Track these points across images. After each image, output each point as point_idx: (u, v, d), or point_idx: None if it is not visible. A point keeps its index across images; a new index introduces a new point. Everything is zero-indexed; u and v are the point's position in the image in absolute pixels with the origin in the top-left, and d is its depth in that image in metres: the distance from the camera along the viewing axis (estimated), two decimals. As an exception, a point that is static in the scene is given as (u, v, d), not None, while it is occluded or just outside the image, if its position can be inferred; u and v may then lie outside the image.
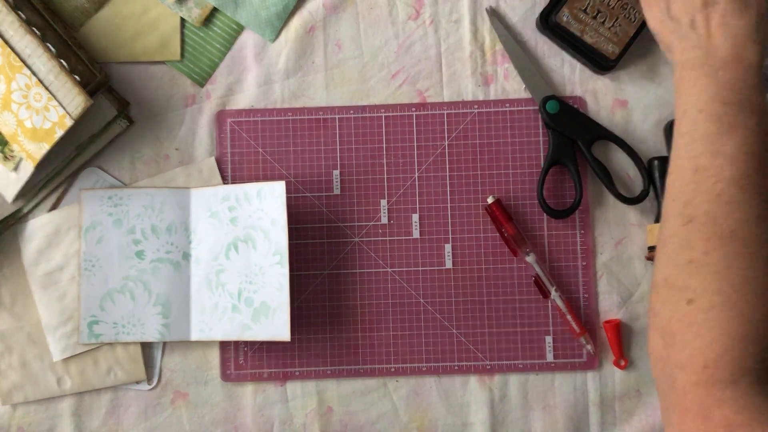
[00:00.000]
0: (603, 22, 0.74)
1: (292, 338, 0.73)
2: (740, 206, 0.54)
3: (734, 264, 0.53)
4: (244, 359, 0.75)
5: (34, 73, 0.69)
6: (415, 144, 0.76)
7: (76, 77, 0.70)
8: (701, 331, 0.52)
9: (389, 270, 0.75)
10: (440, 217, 0.75)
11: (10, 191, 0.73)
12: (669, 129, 0.74)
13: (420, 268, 0.75)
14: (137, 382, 0.75)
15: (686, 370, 0.52)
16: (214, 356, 0.75)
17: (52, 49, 0.70)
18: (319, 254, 0.75)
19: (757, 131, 0.56)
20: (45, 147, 0.70)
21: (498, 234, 0.75)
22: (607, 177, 0.74)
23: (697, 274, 0.54)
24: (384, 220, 0.76)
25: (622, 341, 0.74)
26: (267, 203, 0.72)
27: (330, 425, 0.75)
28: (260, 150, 0.76)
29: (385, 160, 0.76)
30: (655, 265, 0.58)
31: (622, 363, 0.74)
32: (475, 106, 0.76)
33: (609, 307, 0.75)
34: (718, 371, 0.51)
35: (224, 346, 0.75)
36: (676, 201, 0.57)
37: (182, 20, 0.76)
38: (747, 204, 0.54)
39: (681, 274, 0.55)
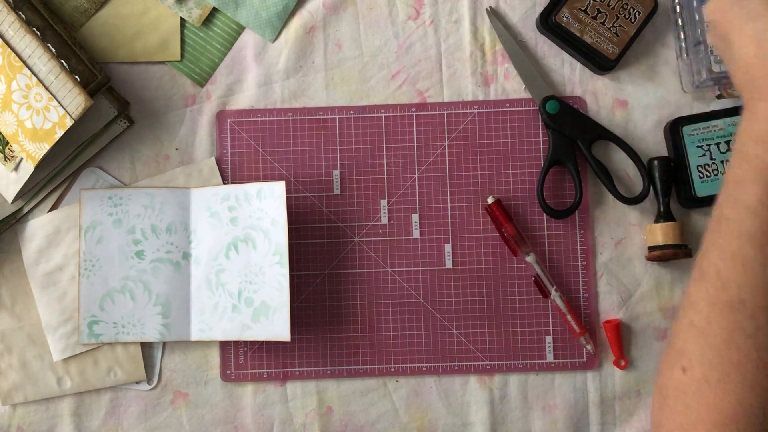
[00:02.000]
0: (603, 22, 0.74)
1: (292, 338, 0.73)
2: (754, 271, 0.49)
3: (736, 338, 0.49)
4: (244, 359, 0.75)
5: (34, 74, 0.69)
6: (415, 144, 0.76)
7: (77, 77, 0.70)
8: (692, 404, 0.50)
9: (389, 270, 0.75)
10: (440, 217, 0.75)
11: (10, 191, 0.73)
12: (669, 129, 0.74)
13: (420, 268, 0.75)
14: (137, 382, 0.75)
15: None
16: (214, 356, 0.75)
17: (52, 49, 0.70)
18: (319, 254, 0.75)
19: None
20: (45, 147, 0.70)
21: (498, 234, 0.75)
22: (607, 177, 0.74)
23: (696, 342, 0.50)
24: (384, 220, 0.76)
25: (622, 341, 0.74)
26: (267, 203, 0.72)
27: (330, 425, 0.75)
28: (260, 150, 0.76)
29: (385, 160, 0.76)
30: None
31: (622, 363, 0.74)
32: (475, 106, 0.76)
33: (609, 307, 0.75)
34: None
35: (224, 346, 0.75)
36: (699, 252, 0.53)
37: (182, 20, 0.76)
38: (762, 266, 0.49)
39: (681, 335, 0.51)
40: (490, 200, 0.74)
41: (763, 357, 0.49)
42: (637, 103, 0.76)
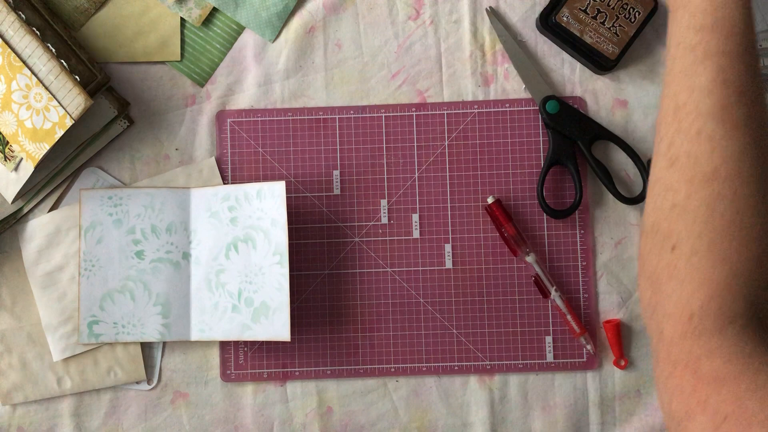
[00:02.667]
0: (603, 22, 0.74)
1: (292, 338, 0.73)
2: (720, 142, 0.51)
3: (717, 206, 0.50)
4: (244, 359, 0.75)
5: (34, 74, 0.69)
6: (415, 144, 0.76)
7: (76, 77, 0.70)
8: (685, 279, 0.50)
9: (389, 270, 0.75)
10: (440, 217, 0.75)
11: (10, 191, 0.73)
12: (669, 129, 0.74)
13: (420, 268, 0.75)
14: (137, 382, 0.75)
15: (672, 321, 0.50)
16: (214, 356, 0.75)
17: (52, 49, 0.70)
18: (319, 254, 0.75)
19: (736, 55, 0.52)
20: (45, 147, 0.70)
21: (498, 234, 0.75)
22: (607, 177, 0.74)
23: (680, 219, 0.51)
24: (384, 220, 0.76)
25: (622, 341, 0.74)
26: (267, 203, 0.72)
27: (330, 425, 0.75)
28: (260, 150, 0.76)
29: (385, 160, 0.76)
30: (645, 209, 0.55)
31: (622, 363, 0.74)
32: (475, 106, 0.76)
33: (609, 307, 0.75)
34: (705, 321, 0.49)
35: (224, 346, 0.75)
36: (661, 143, 0.54)
37: (182, 20, 0.76)
38: (727, 139, 0.51)
39: (665, 219, 0.52)
40: (490, 200, 0.74)
41: (745, 220, 0.50)
42: (637, 103, 0.76)
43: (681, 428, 0.48)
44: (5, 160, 0.72)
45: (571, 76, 0.76)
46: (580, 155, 0.75)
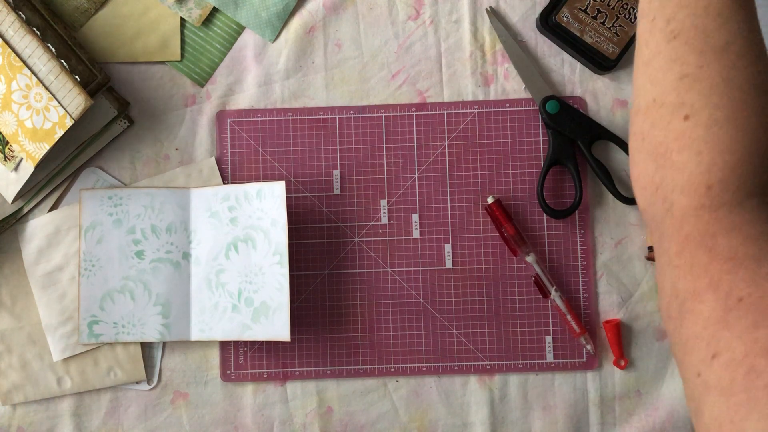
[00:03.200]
0: (603, 22, 0.74)
1: (292, 338, 0.73)
2: (730, 19, 0.48)
3: (733, 77, 0.47)
4: (244, 359, 0.75)
5: (34, 74, 0.69)
6: (415, 144, 0.76)
7: (77, 77, 0.70)
8: (703, 149, 0.46)
9: (389, 270, 0.75)
10: (440, 217, 0.75)
11: (10, 191, 0.73)
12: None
13: (420, 268, 0.75)
14: (137, 382, 0.75)
15: (687, 192, 0.47)
16: (214, 356, 0.75)
17: (52, 49, 0.70)
18: (319, 254, 0.75)
19: None
20: (45, 147, 0.70)
21: (498, 234, 0.75)
22: (607, 177, 0.74)
23: (693, 89, 0.48)
24: (384, 220, 0.76)
25: (622, 341, 0.74)
26: (267, 203, 0.72)
27: (330, 425, 0.75)
28: (260, 150, 0.76)
29: (385, 160, 0.76)
30: (638, 89, 0.52)
31: (622, 363, 0.74)
32: (475, 106, 0.76)
33: (609, 307, 0.75)
34: (724, 192, 0.46)
35: (224, 346, 0.75)
36: (656, 20, 0.50)
37: (182, 20, 0.76)
38: (736, 17, 0.48)
39: (673, 90, 0.48)
40: (490, 200, 0.74)
41: (762, 95, 0.47)
42: (637, 103, 0.76)
43: (685, 309, 0.45)
44: (5, 160, 0.72)
45: (571, 76, 0.76)
46: (580, 155, 0.75)
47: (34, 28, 0.70)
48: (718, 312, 0.42)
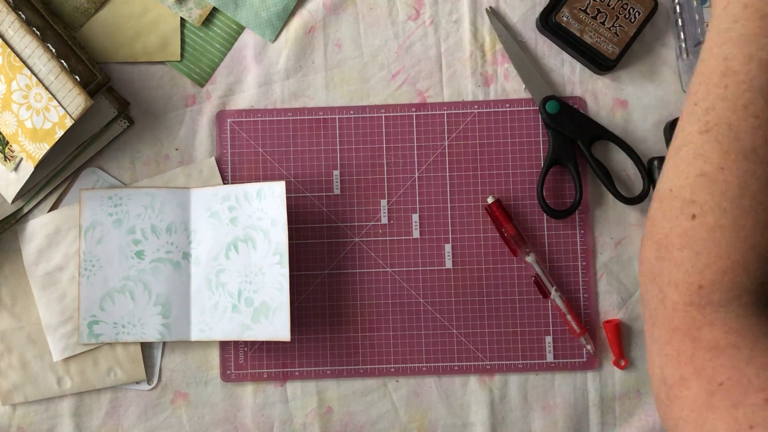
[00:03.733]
0: (603, 22, 0.74)
1: (292, 338, 0.73)
2: (765, 124, 0.49)
3: (751, 184, 0.48)
4: (244, 359, 0.75)
5: (34, 74, 0.69)
6: (415, 144, 0.76)
7: (76, 77, 0.70)
8: (702, 251, 0.49)
9: (389, 270, 0.75)
10: (440, 217, 0.75)
11: (10, 191, 0.73)
12: (669, 129, 0.74)
13: (420, 268, 0.75)
14: (137, 382, 0.75)
15: (679, 289, 0.49)
16: (214, 356, 0.75)
17: (52, 49, 0.70)
18: (319, 254, 0.75)
19: None
20: (45, 147, 0.70)
21: (498, 234, 0.75)
22: (607, 177, 0.74)
23: (707, 189, 0.49)
24: (384, 220, 0.76)
25: (622, 341, 0.74)
26: (267, 203, 0.72)
27: (330, 425, 0.75)
28: (260, 150, 0.76)
29: (385, 160, 0.76)
30: (663, 173, 0.53)
31: (622, 363, 0.74)
32: (475, 106, 0.76)
33: (609, 307, 0.75)
34: (713, 293, 0.48)
35: (224, 346, 0.75)
36: (697, 105, 0.51)
37: (182, 20, 0.76)
38: None
39: (689, 186, 0.50)
40: (490, 200, 0.74)
41: None
42: (637, 103, 0.76)
43: (672, 394, 0.48)
44: (5, 160, 0.72)
45: (571, 76, 0.76)
46: (580, 155, 0.75)
47: (34, 28, 0.70)
48: (702, 396, 0.46)
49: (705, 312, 0.48)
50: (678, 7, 0.75)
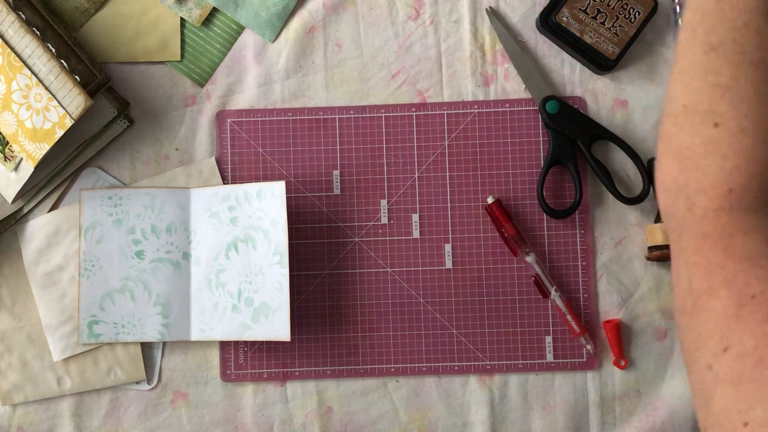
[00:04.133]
0: (603, 22, 0.74)
1: (292, 338, 0.73)
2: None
3: (765, 91, 0.49)
4: (244, 359, 0.75)
5: (34, 74, 0.69)
6: (415, 144, 0.76)
7: (76, 77, 0.70)
8: (728, 155, 0.49)
9: (389, 270, 0.75)
10: (440, 217, 0.75)
11: (10, 191, 0.73)
12: (669, 129, 0.74)
13: (420, 268, 0.75)
14: (137, 382, 0.75)
15: (709, 194, 0.49)
16: (214, 356, 0.75)
17: (52, 49, 0.70)
18: (319, 254, 0.75)
19: None
20: (45, 147, 0.70)
21: (498, 234, 0.75)
22: (607, 177, 0.74)
23: (724, 98, 0.50)
24: (384, 220, 0.76)
25: (622, 341, 0.74)
26: (267, 203, 0.72)
27: (330, 425, 0.75)
28: (260, 150, 0.76)
29: (385, 160, 0.76)
30: (670, 95, 0.54)
31: (622, 363, 0.74)
32: (475, 106, 0.76)
33: (609, 307, 0.75)
34: (744, 197, 0.48)
35: (224, 346, 0.75)
36: (696, 31, 0.53)
37: (182, 20, 0.76)
38: None
39: (706, 98, 0.51)
40: (490, 200, 0.74)
41: None
42: (637, 103, 0.76)
43: (699, 305, 0.47)
44: (5, 160, 0.72)
45: (571, 76, 0.76)
46: (580, 155, 0.75)
47: (34, 28, 0.70)
48: (731, 308, 0.44)
49: (737, 217, 0.48)
50: (678, 7, 0.75)
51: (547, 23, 0.74)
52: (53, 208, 0.76)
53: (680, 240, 0.51)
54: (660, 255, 0.72)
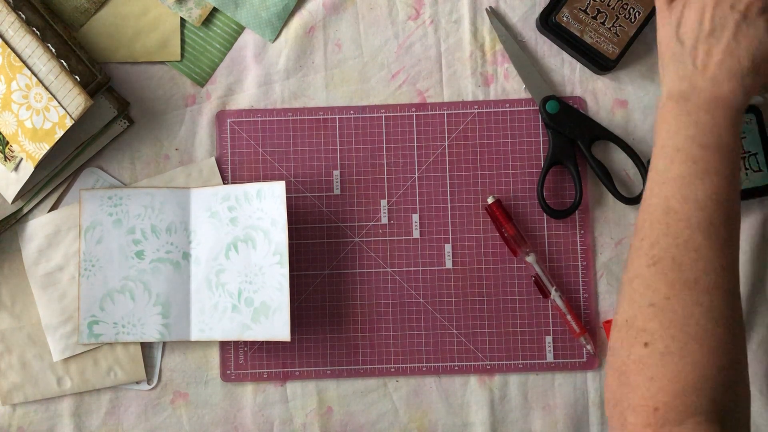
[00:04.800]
0: (603, 22, 0.74)
1: (292, 338, 0.73)
2: (706, 255, 0.55)
3: (694, 312, 0.54)
4: (244, 359, 0.75)
5: (34, 74, 0.69)
6: (415, 144, 0.76)
7: (76, 77, 0.70)
8: (655, 375, 0.53)
9: (389, 270, 0.75)
10: (440, 217, 0.75)
11: (10, 191, 0.73)
12: (669, 129, 0.74)
13: (420, 268, 0.75)
14: (137, 382, 0.75)
15: (637, 412, 0.53)
16: (214, 356, 0.75)
17: (52, 49, 0.70)
18: (319, 254, 0.75)
19: (729, 179, 0.57)
20: (45, 147, 0.70)
21: (498, 234, 0.75)
22: (607, 177, 0.74)
23: (656, 318, 0.54)
24: (384, 220, 0.76)
25: (622, 341, 0.74)
26: (267, 203, 0.72)
27: (330, 425, 0.75)
28: (260, 150, 0.76)
29: (385, 160, 0.76)
30: (618, 304, 0.58)
31: (622, 363, 0.74)
32: (475, 106, 0.76)
33: (609, 307, 0.75)
34: (668, 414, 0.52)
35: (224, 346, 0.75)
36: (644, 241, 0.57)
37: (182, 20, 0.76)
38: (712, 253, 0.55)
39: (641, 315, 0.55)
40: (490, 200, 0.74)
41: (718, 330, 0.53)
42: (637, 103, 0.76)
43: None
44: (5, 160, 0.72)
45: (571, 76, 0.76)
46: (580, 155, 0.75)
47: (34, 28, 0.70)
48: None
49: (663, 431, 0.52)
50: (678, 7, 0.75)
51: (547, 23, 0.74)
52: (53, 208, 0.76)
53: None
54: (660, 255, 0.72)
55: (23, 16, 0.70)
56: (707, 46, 0.59)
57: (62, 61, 0.70)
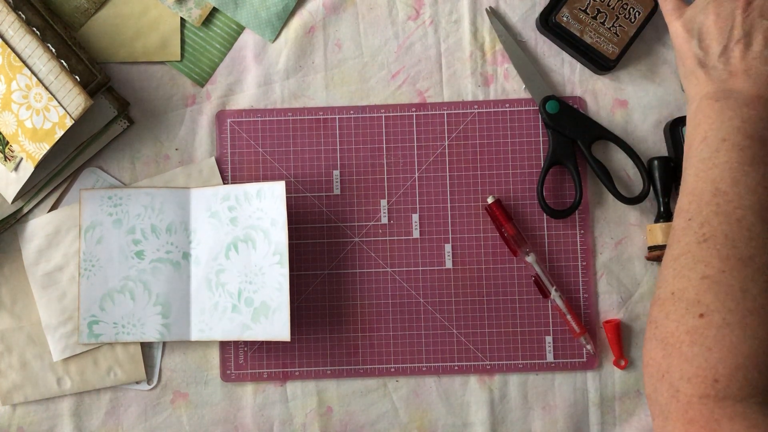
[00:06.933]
0: (603, 22, 0.74)
1: (292, 338, 0.73)
2: (759, 234, 0.55)
3: (750, 288, 0.53)
4: (244, 359, 0.75)
5: (34, 74, 0.69)
6: (415, 144, 0.76)
7: (76, 77, 0.70)
8: (712, 346, 0.52)
9: (389, 270, 0.75)
10: (440, 217, 0.75)
11: (10, 191, 0.73)
12: (669, 129, 0.74)
13: (420, 268, 0.75)
14: (137, 382, 0.75)
15: (693, 383, 0.52)
16: (214, 356, 0.75)
17: (52, 49, 0.70)
18: (319, 254, 0.75)
19: None
20: (45, 147, 0.70)
21: (498, 234, 0.75)
22: (607, 177, 0.74)
23: (711, 291, 0.53)
24: (384, 220, 0.76)
25: (622, 341, 0.74)
26: (267, 203, 0.72)
27: (330, 425, 0.75)
28: (260, 150, 0.76)
29: (385, 160, 0.76)
30: (661, 280, 0.57)
31: (622, 363, 0.74)
32: (475, 106, 0.76)
33: (609, 307, 0.75)
34: (729, 387, 0.51)
35: (224, 346, 0.75)
36: (692, 221, 0.57)
37: (182, 20, 0.76)
38: (765, 234, 0.55)
39: (693, 288, 0.54)
40: (490, 200, 0.74)
41: None
42: (637, 103, 0.76)
43: None
44: (5, 160, 0.72)
45: (571, 76, 0.76)
46: (580, 155, 0.75)
47: (34, 28, 0.70)
48: None
49: (723, 405, 0.51)
50: (678, 7, 0.75)
51: (547, 23, 0.74)
52: (53, 208, 0.76)
53: (665, 422, 0.53)
54: (660, 255, 0.72)
55: (23, 16, 0.70)
56: (741, 47, 0.62)
57: (62, 61, 0.70)
